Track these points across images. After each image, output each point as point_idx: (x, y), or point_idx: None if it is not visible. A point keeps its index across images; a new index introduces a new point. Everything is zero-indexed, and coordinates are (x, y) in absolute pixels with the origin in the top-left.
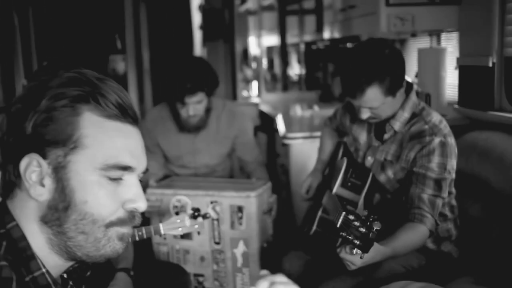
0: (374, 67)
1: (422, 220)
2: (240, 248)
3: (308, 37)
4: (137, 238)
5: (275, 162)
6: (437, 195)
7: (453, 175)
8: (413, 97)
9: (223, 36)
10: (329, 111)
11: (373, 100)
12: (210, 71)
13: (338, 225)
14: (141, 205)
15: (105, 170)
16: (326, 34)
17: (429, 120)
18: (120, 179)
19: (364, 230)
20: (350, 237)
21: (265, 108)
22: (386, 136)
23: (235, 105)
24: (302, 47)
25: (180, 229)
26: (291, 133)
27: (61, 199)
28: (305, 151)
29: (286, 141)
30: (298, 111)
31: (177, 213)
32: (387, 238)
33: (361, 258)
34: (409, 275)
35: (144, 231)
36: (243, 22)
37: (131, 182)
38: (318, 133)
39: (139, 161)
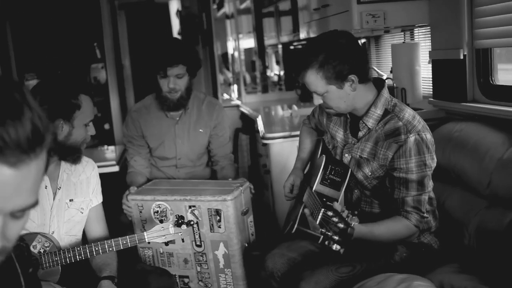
0: (315, 52)
1: (407, 217)
2: (221, 250)
3: (285, 38)
4: (121, 247)
5: (257, 162)
6: (421, 193)
7: (433, 166)
8: (385, 93)
9: (202, 40)
10: (308, 110)
11: (314, 84)
12: (191, 48)
13: (317, 222)
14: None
15: None
16: (303, 34)
17: (402, 117)
18: None
19: (342, 225)
20: (329, 233)
21: (246, 110)
22: (360, 133)
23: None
24: (280, 48)
25: (164, 237)
26: (270, 133)
27: None
28: (285, 151)
29: (266, 141)
30: (278, 111)
31: (161, 221)
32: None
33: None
34: (391, 267)
35: (128, 240)
36: (221, 26)
37: None
38: (298, 132)
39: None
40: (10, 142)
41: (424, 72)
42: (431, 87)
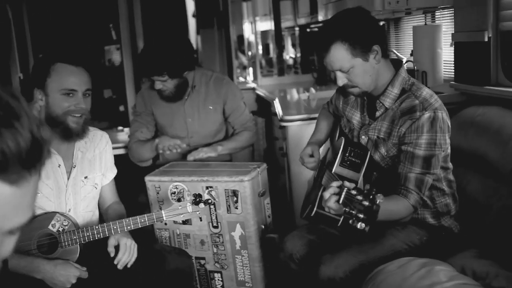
0: (338, 25)
1: (406, 196)
2: (238, 231)
3: (302, 21)
4: (139, 225)
5: (273, 145)
6: (425, 172)
7: (448, 150)
8: (402, 73)
9: (217, 23)
10: (325, 93)
11: (340, 59)
12: (173, 54)
13: (340, 201)
14: None
15: None
16: (321, 16)
17: (419, 95)
18: None
19: (367, 203)
20: (354, 211)
21: (262, 92)
22: (377, 113)
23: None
24: (297, 30)
25: (182, 215)
26: (288, 115)
27: None
28: (303, 133)
29: (283, 124)
30: (293, 94)
31: (178, 200)
32: None
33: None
34: (411, 251)
35: (146, 218)
36: (238, 9)
37: None
38: (315, 115)
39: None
40: (11, 156)
41: (446, 55)
42: (453, 70)
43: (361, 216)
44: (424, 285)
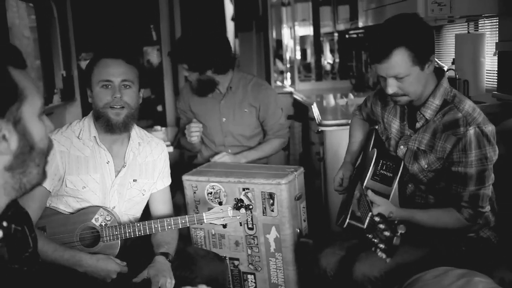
0: (402, 31)
1: (459, 211)
2: (273, 234)
3: (341, 26)
4: (180, 226)
5: (309, 150)
6: (479, 187)
7: (495, 159)
8: (444, 83)
9: (256, 27)
10: (363, 100)
11: (399, 65)
12: (195, 48)
13: (365, 226)
14: None
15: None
16: (360, 23)
17: (462, 108)
18: None
19: (388, 233)
20: (375, 240)
21: (299, 97)
22: (418, 124)
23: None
24: (336, 36)
25: (222, 219)
26: (326, 120)
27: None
28: (340, 138)
29: (322, 128)
30: (330, 100)
31: (220, 203)
32: None
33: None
34: (449, 261)
35: (187, 219)
36: (277, 13)
37: None
38: None
39: None
40: None
41: (488, 64)
42: (495, 80)
43: (382, 246)
44: None
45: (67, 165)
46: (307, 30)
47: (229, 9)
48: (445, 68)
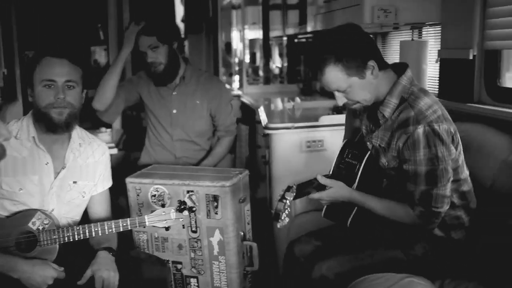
0: (329, 45)
1: (412, 207)
2: (216, 236)
3: (291, 31)
4: (121, 229)
5: (255, 153)
6: (431, 187)
7: (459, 162)
8: (403, 81)
9: (206, 29)
10: (310, 104)
11: (335, 81)
12: (162, 18)
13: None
14: None
15: None
16: (309, 27)
17: (415, 106)
18: None
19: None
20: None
21: (247, 100)
22: (380, 122)
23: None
24: (285, 40)
25: (165, 221)
26: (272, 123)
27: None
28: (286, 142)
29: (268, 131)
30: (278, 103)
31: (162, 205)
32: None
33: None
34: (411, 262)
35: (129, 222)
36: (227, 16)
37: None
38: (300, 124)
39: None
40: None
41: (431, 71)
42: (437, 86)
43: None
44: None
45: (3, 166)
46: (256, 34)
47: (179, 11)
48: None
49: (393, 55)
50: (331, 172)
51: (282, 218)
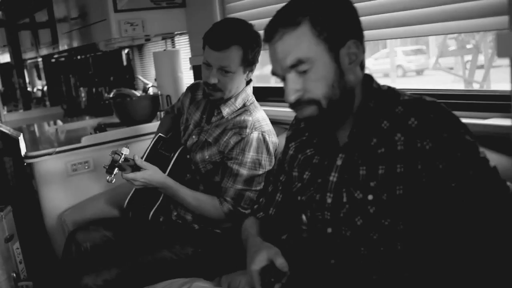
0: (243, 32)
1: (221, 202)
2: None
3: (44, 51)
4: None
5: (23, 184)
6: (247, 189)
7: (268, 169)
8: (248, 90)
9: None
10: (75, 125)
11: (232, 60)
12: None
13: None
14: None
15: None
16: (63, 45)
17: (253, 115)
18: None
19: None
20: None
21: (6, 129)
22: (214, 119)
23: None
24: (40, 61)
25: None
26: (32, 152)
27: None
28: (51, 168)
29: (29, 161)
30: (43, 128)
31: None
32: None
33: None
34: (182, 262)
35: None
36: None
37: None
38: (62, 148)
39: None
40: None
41: (187, 78)
42: None
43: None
44: None
45: None
46: (8, 57)
47: None
48: (149, 85)
49: (151, 67)
50: (144, 159)
51: (115, 172)
